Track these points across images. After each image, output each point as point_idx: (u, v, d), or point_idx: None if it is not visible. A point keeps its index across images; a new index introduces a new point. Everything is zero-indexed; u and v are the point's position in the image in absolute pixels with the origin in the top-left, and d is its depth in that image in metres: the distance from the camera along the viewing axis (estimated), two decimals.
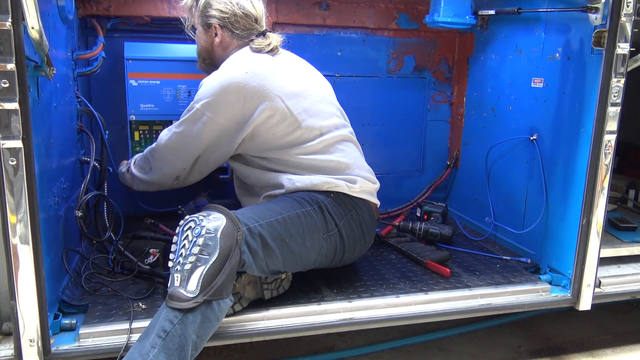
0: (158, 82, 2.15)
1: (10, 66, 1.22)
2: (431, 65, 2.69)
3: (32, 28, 1.22)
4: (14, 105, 1.24)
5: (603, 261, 1.91)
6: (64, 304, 1.60)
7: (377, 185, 1.87)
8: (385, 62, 2.61)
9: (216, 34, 1.86)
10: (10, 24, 1.20)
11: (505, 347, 2.04)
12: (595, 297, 1.87)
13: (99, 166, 1.99)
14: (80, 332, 1.48)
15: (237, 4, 1.83)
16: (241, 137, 1.73)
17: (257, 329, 1.60)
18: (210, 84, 1.71)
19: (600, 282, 1.94)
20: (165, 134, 1.82)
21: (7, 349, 1.41)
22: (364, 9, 2.51)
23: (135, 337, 1.49)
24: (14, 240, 1.30)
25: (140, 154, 1.97)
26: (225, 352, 1.92)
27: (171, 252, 1.45)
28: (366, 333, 1.98)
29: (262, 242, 1.52)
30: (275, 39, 1.85)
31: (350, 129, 1.91)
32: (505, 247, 2.26)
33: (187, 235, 1.43)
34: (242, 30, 1.84)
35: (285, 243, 1.58)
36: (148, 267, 1.86)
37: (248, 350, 1.93)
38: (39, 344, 1.36)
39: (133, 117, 2.16)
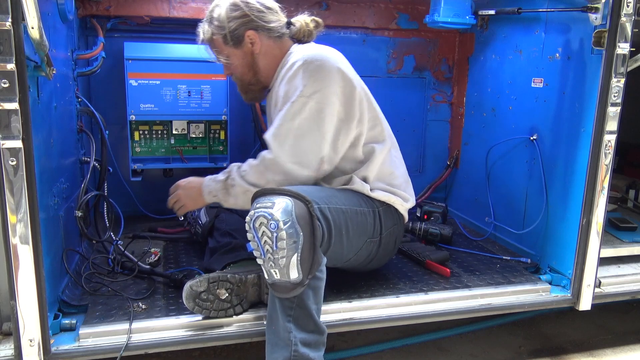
0: (158, 82, 2.15)
1: (10, 66, 1.22)
2: (431, 65, 2.69)
3: (32, 28, 1.22)
4: (14, 105, 1.24)
5: (603, 261, 1.91)
6: (64, 304, 1.60)
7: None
8: (385, 62, 2.61)
9: (252, 42, 1.70)
10: (10, 24, 1.20)
11: (505, 347, 2.04)
12: (595, 297, 1.87)
13: (99, 166, 1.99)
14: (80, 332, 1.48)
15: (258, 1, 1.70)
16: (353, 125, 1.66)
17: (257, 329, 1.60)
18: (300, 74, 1.59)
19: (600, 282, 1.94)
20: (280, 144, 1.59)
21: (7, 349, 1.41)
22: (364, 9, 2.51)
23: (136, 337, 1.50)
24: (14, 240, 1.30)
25: (251, 164, 1.66)
26: (225, 352, 1.92)
27: (253, 250, 1.43)
28: (366, 333, 1.98)
29: (326, 222, 1.49)
30: (304, 21, 1.79)
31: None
32: (505, 247, 2.26)
33: (264, 232, 1.38)
34: (274, 24, 1.71)
35: (340, 234, 1.55)
36: (149, 266, 1.86)
37: (248, 350, 1.93)
38: (39, 344, 1.36)
39: (133, 117, 2.16)
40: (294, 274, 1.38)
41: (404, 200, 1.76)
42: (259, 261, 1.42)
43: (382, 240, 1.71)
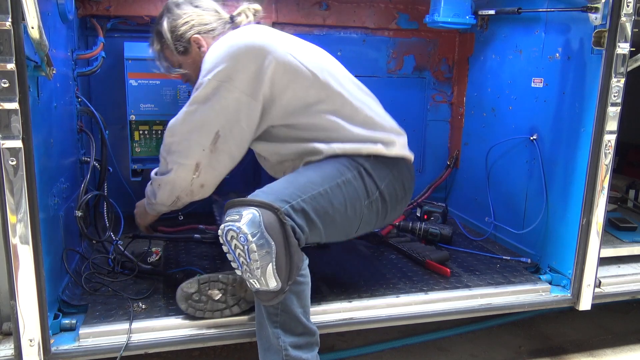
0: (158, 82, 2.15)
1: (10, 66, 1.22)
2: (431, 65, 2.69)
3: (32, 28, 1.22)
4: (14, 105, 1.24)
5: (603, 261, 1.91)
6: (64, 304, 1.60)
7: (406, 136, 1.80)
8: (385, 62, 2.61)
9: (199, 46, 1.73)
10: (10, 23, 1.20)
11: (505, 347, 2.04)
12: (595, 297, 1.87)
13: (99, 166, 1.98)
14: (80, 332, 1.48)
15: (193, 5, 1.76)
16: (260, 102, 1.59)
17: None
18: (214, 55, 1.59)
19: (600, 282, 1.94)
20: (173, 121, 1.65)
21: (7, 349, 1.41)
22: (364, 9, 2.51)
23: (136, 337, 1.50)
24: (14, 240, 1.30)
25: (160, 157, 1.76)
26: (225, 352, 1.92)
27: (230, 261, 1.44)
28: (366, 333, 1.98)
29: (305, 218, 1.47)
30: (244, 14, 1.78)
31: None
32: (505, 247, 2.26)
33: (236, 245, 1.39)
34: (215, 24, 1.75)
35: (328, 215, 1.53)
36: (150, 266, 1.86)
37: (248, 350, 1.93)
38: (39, 344, 1.36)
39: (133, 117, 2.16)
40: (272, 283, 1.38)
41: (384, 146, 1.67)
42: (237, 272, 1.43)
43: (383, 193, 1.65)
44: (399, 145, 1.73)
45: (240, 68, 1.56)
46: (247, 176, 2.57)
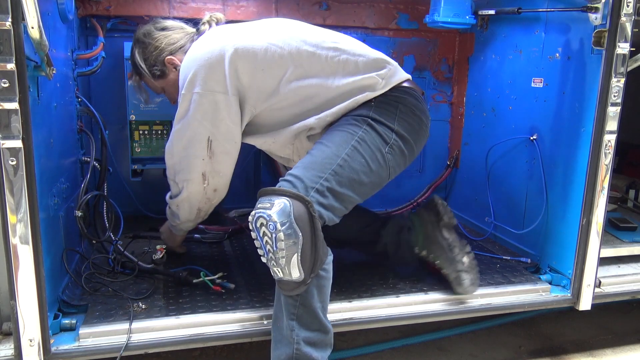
0: None
1: (10, 66, 1.22)
2: (431, 65, 2.69)
3: (32, 28, 1.22)
4: (14, 105, 1.24)
5: (603, 261, 1.91)
6: (64, 304, 1.60)
7: (394, 62, 1.75)
8: None
9: (175, 66, 1.77)
10: (10, 23, 1.20)
11: (505, 347, 2.04)
12: (595, 297, 1.87)
13: (98, 166, 1.98)
14: (80, 332, 1.48)
15: (159, 29, 1.81)
16: (235, 94, 1.62)
17: (257, 329, 1.60)
18: (182, 72, 1.64)
19: (600, 282, 1.94)
20: (167, 144, 1.73)
21: (7, 349, 1.41)
22: (364, 9, 2.51)
23: (136, 336, 1.50)
24: (14, 240, 1.30)
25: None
26: (225, 352, 1.92)
27: (257, 248, 1.45)
28: (366, 333, 1.98)
29: (333, 195, 1.50)
30: (207, 23, 1.80)
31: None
32: (505, 247, 2.26)
33: (264, 232, 1.40)
34: (184, 40, 1.80)
35: (355, 181, 1.55)
36: (151, 265, 1.87)
37: (248, 350, 1.93)
38: (39, 344, 1.36)
39: (133, 117, 2.16)
40: (296, 273, 1.39)
41: (375, 86, 1.64)
42: (263, 259, 1.44)
43: (399, 132, 1.63)
44: (389, 76, 1.69)
45: (205, 74, 1.60)
46: (247, 176, 2.58)
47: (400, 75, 1.72)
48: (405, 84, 1.72)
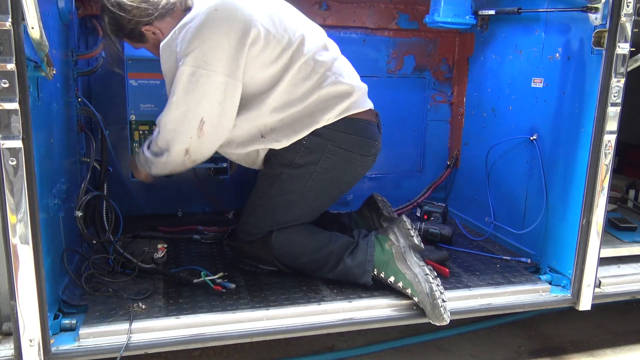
0: (158, 82, 2.14)
1: (10, 66, 1.22)
2: (431, 65, 2.69)
3: (32, 28, 1.22)
4: (14, 105, 1.24)
5: (603, 261, 1.91)
6: (64, 304, 1.60)
7: (351, 83, 1.75)
8: (385, 62, 2.61)
9: (154, 33, 1.73)
10: (10, 24, 1.20)
11: (506, 347, 2.04)
12: (595, 297, 1.87)
13: (98, 166, 1.98)
14: (80, 332, 1.48)
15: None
16: (240, 79, 1.60)
17: (257, 329, 1.60)
18: (188, 33, 1.56)
19: (600, 282, 1.94)
20: (161, 114, 1.71)
21: (7, 349, 1.41)
22: (364, 9, 2.51)
23: (136, 337, 1.51)
24: (14, 240, 1.30)
25: (151, 136, 1.85)
26: (225, 352, 1.92)
27: None
28: (366, 333, 1.98)
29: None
30: None
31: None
32: (505, 247, 2.26)
33: None
34: (160, 6, 1.69)
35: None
36: (151, 265, 1.86)
37: (248, 350, 1.93)
38: (39, 344, 1.36)
39: (133, 117, 2.15)
40: None
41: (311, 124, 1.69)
42: None
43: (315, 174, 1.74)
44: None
45: (214, 47, 1.54)
46: (247, 176, 2.57)
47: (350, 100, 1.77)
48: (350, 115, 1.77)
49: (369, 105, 1.84)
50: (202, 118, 1.62)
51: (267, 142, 1.72)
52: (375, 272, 1.76)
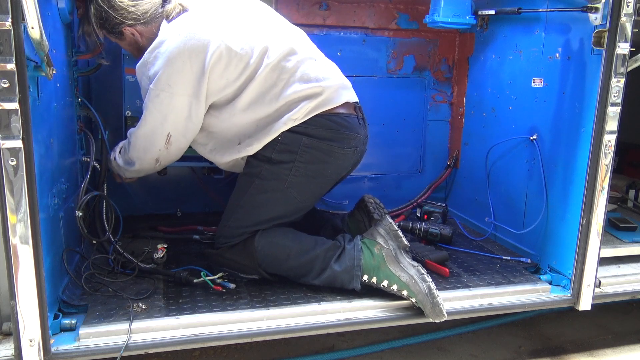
0: None
1: (10, 66, 1.22)
2: (431, 65, 2.69)
3: (32, 28, 1.22)
4: (14, 105, 1.24)
5: (603, 261, 1.92)
6: (64, 304, 1.60)
7: (320, 84, 1.75)
8: (385, 62, 2.61)
9: (133, 34, 1.81)
10: (10, 24, 1.20)
11: (505, 347, 2.04)
12: (595, 297, 1.87)
13: (98, 166, 1.98)
14: (80, 332, 1.48)
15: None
16: (203, 101, 1.70)
17: (257, 329, 1.60)
18: (153, 61, 1.68)
19: (600, 282, 1.94)
20: (134, 129, 1.83)
21: (7, 349, 1.41)
22: (364, 9, 2.51)
23: (136, 337, 1.51)
24: (14, 240, 1.30)
25: (123, 143, 1.94)
26: (225, 352, 1.92)
27: None
28: (366, 333, 1.98)
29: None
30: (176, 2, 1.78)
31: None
32: (505, 247, 2.26)
33: None
34: (148, 13, 1.77)
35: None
36: (152, 265, 1.86)
37: (248, 350, 1.93)
38: (39, 344, 1.36)
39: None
40: None
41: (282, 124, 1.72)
42: None
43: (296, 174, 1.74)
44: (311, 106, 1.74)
45: (177, 70, 1.66)
46: None
47: (324, 97, 1.78)
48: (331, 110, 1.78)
49: (345, 98, 1.81)
50: (169, 133, 1.76)
51: (243, 149, 1.78)
52: (366, 278, 1.73)
